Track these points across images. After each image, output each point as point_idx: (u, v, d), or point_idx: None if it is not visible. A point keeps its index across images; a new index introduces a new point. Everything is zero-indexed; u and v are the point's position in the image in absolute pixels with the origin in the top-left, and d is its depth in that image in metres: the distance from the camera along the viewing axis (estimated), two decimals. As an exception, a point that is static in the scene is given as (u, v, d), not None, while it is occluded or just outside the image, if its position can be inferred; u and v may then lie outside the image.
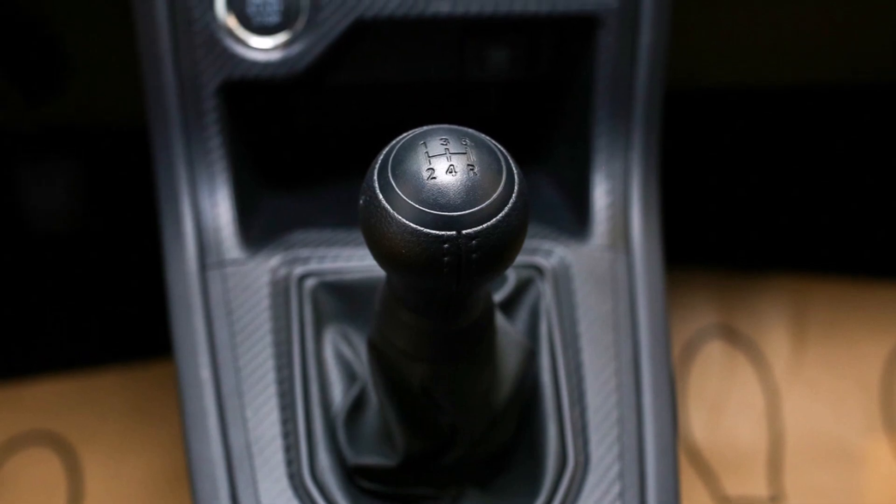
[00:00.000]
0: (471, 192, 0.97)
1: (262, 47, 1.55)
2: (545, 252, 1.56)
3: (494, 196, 0.98)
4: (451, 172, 0.98)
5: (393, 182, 0.99)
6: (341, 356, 1.49)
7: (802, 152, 3.08)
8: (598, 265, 1.56)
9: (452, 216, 0.97)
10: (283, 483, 1.40)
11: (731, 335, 2.98)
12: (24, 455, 2.76)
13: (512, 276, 1.51)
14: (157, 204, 1.58)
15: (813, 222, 3.11)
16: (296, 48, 1.55)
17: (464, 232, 0.97)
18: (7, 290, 2.97)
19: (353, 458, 1.41)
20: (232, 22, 1.54)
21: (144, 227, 1.99)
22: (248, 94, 1.62)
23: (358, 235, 1.53)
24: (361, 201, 1.02)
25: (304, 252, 1.55)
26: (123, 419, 2.81)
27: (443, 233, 0.97)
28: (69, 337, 2.95)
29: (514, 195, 1.00)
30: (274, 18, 1.54)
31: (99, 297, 2.97)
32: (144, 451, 2.76)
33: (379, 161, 1.02)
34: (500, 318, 1.32)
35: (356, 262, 1.55)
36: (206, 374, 1.46)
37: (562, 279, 1.54)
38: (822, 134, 3.08)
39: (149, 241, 1.77)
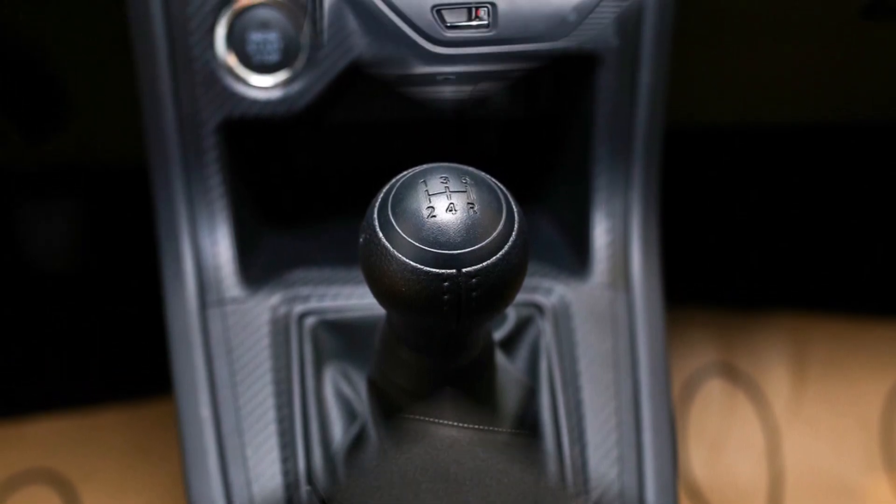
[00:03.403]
0: (471, 231, 0.97)
1: (262, 86, 1.55)
2: (545, 290, 1.56)
3: (494, 234, 0.99)
4: (451, 211, 0.98)
5: (393, 220, 0.99)
6: (341, 394, 1.49)
7: (802, 191, 3.09)
8: (598, 303, 1.56)
9: (452, 254, 0.97)
10: (283, 522, 1.40)
11: (731, 373, 2.97)
12: (24, 493, 2.75)
13: (512, 314, 1.51)
14: (157, 242, 1.58)
15: (813, 261, 3.11)
16: (296, 86, 1.55)
17: (464, 270, 0.97)
18: (7, 329, 2.96)
19: (353, 497, 1.40)
20: (232, 60, 1.54)
21: (144, 266, 1.99)
22: (248, 132, 1.62)
23: (358, 274, 1.53)
24: (361, 239, 1.02)
25: (304, 290, 1.55)
26: (123, 457, 2.80)
27: (443, 271, 0.97)
28: (69, 375, 2.94)
29: (514, 233, 1.00)
30: (274, 57, 1.54)
31: (99, 335, 2.96)
32: (144, 489, 2.75)
33: (379, 199, 1.02)
34: (499, 356, 1.32)
35: (356, 300, 1.55)
36: (206, 412, 1.45)
37: (562, 317, 1.54)
38: (821, 172, 3.08)
39: (149, 280, 1.76)
